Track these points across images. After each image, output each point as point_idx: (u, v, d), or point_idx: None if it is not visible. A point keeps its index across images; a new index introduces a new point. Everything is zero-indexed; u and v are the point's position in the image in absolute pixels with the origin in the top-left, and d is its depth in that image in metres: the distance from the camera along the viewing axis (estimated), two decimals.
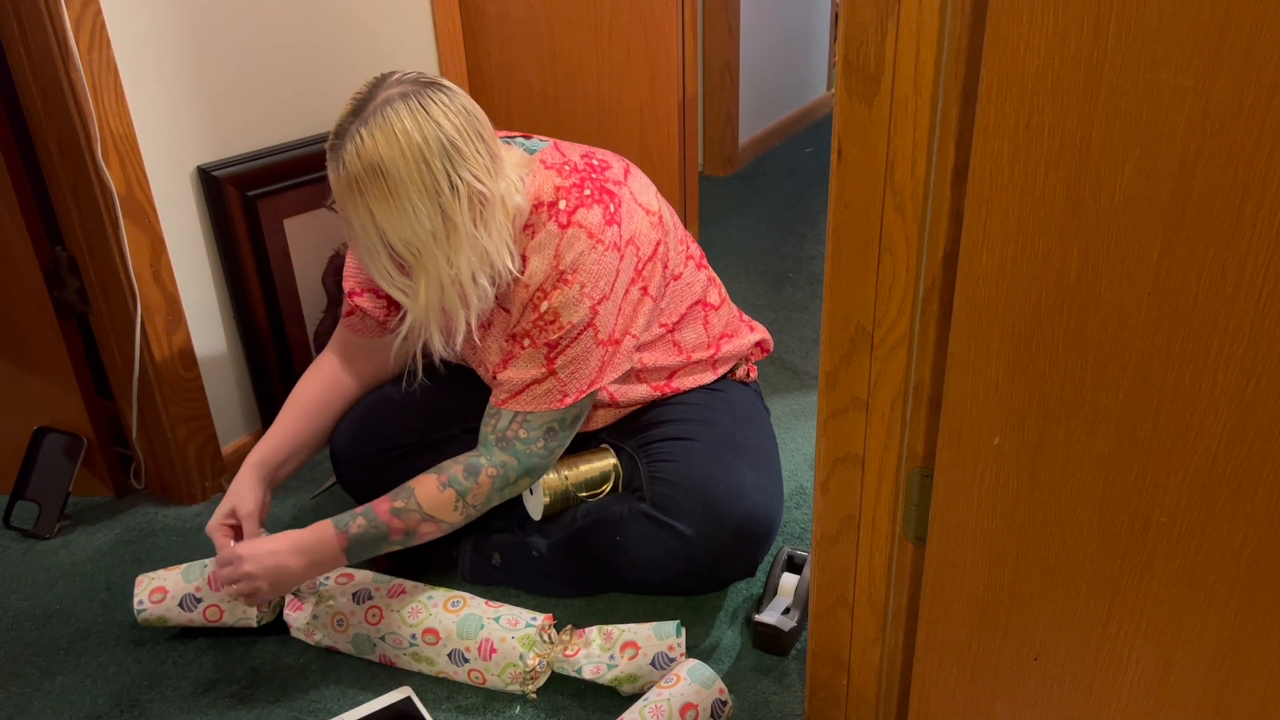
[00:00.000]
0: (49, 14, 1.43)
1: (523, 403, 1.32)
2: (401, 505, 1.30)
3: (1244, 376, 0.74)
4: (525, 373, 1.32)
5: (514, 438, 1.32)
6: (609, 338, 1.34)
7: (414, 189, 1.18)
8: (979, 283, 0.84)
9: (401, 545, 1.32)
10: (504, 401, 1.33)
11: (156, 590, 1.40)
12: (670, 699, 1.21)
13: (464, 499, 1.31)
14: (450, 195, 1.19)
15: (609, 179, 1.34)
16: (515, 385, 1.32)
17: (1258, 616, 0.80)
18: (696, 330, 1.50)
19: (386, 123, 1.17)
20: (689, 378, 1.51)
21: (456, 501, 1.31)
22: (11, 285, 1.65)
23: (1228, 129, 0.69)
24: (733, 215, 3.14)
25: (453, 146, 1.19)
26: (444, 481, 1.31)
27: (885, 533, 1.05)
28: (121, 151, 1.54)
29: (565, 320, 1.29)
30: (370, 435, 1.52)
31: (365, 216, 1.20)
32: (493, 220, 1.24)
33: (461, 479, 1.30)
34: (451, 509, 1.31)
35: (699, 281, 1.49)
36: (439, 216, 1.20)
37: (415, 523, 1.30)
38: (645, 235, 1.36)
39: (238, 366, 1.83)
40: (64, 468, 1.73)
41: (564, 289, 1.28)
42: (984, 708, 1.01)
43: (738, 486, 1.37)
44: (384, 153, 1.17)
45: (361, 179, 1.18)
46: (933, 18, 0.81)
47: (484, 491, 1.32)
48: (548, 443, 1.34)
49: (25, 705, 1.35)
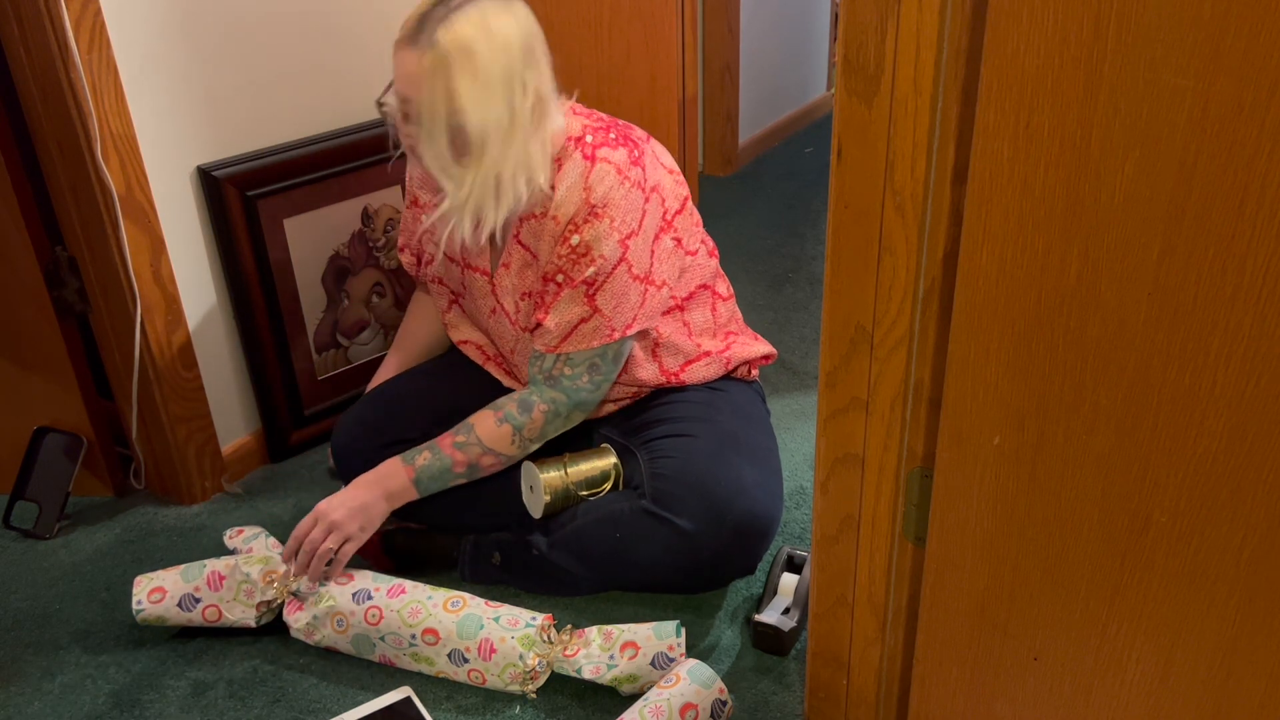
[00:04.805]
0: (49, 14, 1.43)
1: (572, 343, 1.38)
2: (463, 439, 1.39)
3: (1244, 376, 0.74)
4: (569, 314, 1.37)
5: (560, 375, 1.40)
6: (644, 275, 1.38)
7: (496, 78, 1.25)
8: (979, 283, 0.84)
9: (465, 478, 1.42)
10: (555, 346, 1.39)
11: (155, 590, 1.40)
12: (670, 699, 1.21)
13: (520, 433, 1.40)
14: (520, 94, 1.27)
15: (634, 133, 1.42)
16: (564, 328, 1.38)
17: (1258, 616, 0.80)
18: (704, 314, 1.53)
19: (479, 12, 1.24)
20: (697, 371, 1.53)
21: (514, 435, 1.40)
22: (11, 285, 1.66)
23: (1228, 129, 0.69)
24: (733, 215, 3.14)
25: (530, 50, 1.28)
26: (500, 417, 1.40)
27: (885, 533, 1.05)
28: (121, 151, 1.54)
29: (596, 253, 1.34)
30: (371, 429, 1.53)
31: (441, 97, 1.24)
32: (544, 131, 1.32)
33: (516, 414, 1.40)
34: (509, 442, 1.40)
35: (710, 267, 1.53)
36: (508, 111, 1.27)
37: (476, 455, 1.40)
38: (671, 189, 1.42)
39: (238, 366, 1.83)
40: (64, 468, 1.73)
41: (595, 223, 1.33)
42: (984, 708, 1.01)
43: (738, 484, 1.37)
44: (477, 36, 1.23)
45: (451, 57, 1.23)
46: (933, 18, 0.81)
47: (538, 426, 1.41)
48: (592, 377, 1.41)
49: (25, 705, 1.35)
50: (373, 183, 1.91)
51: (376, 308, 1.99)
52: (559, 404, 1.41)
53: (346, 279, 1.92)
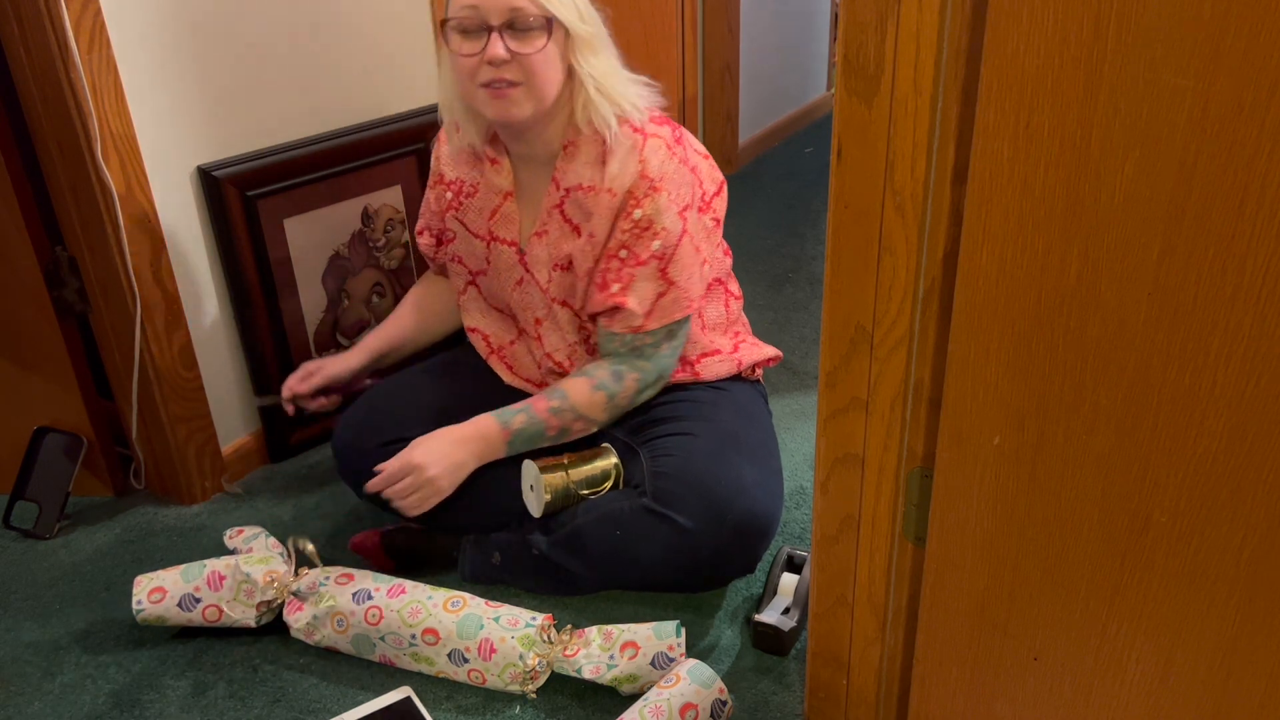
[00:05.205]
0: (49, 14, 1.43)
1: (656, 318, 1.42)
2: (558, 405, 1.44)
3: (1244, 376, 0.74)
4: (647, 291, 1.40)
5: (643, 346, 1.44)
6: (697, 248, 1.43)
7: None
8: (979, 283, 0.84)
9: (553, 442, 1.47)
10: (640, 326, 1.42)
11: (155, 590, 1.40)
12: (670, 699, 1.21)
13: (613, 400, 1.45)
14: None
15: (669, 119, 1.46)
16: (645, 305, 1.41)
17: (1258, 616, 0.80)
18: (718, 308, 1.57)
19: None
20: (711, 367, 1.56)
21: (607, 403, 1.45)
22: (11, 285, 1.66)
23: (1228, 129, 0.69)
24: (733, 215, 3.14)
25: None
26: (594, 385, 1.44)
27: (885, 533, 1.04)
28: (121, 151, 1.54)
29: (659, 226, 1.37)
30: (372, 427, 1.54)
31: None
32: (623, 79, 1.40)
33: (610, 383, 1.44)
34: (601, 409, 1.45)
35: (725, 263, 1.57)
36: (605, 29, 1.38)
37: (569, 421, 1.45)
38: (707, 173, 1.46)
39: (238, 367, 1.83)
40: (64, 468, 1.73)
41: (655, 196, 1.36)
42: (984, 708, 1.01)
43: (739, 482, 1.38)
44: None
45: None
46: (932, 18, 0.81)
47: (629, 393, 1.45)
48: (670, 346, 1.46)
49: (25, 705, 1.35)
50: (373, 183, 1.91)
51: (376, 308, 1.99)
52: (647, 373, 1.45)
53: (346, 279, 1.92)
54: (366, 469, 1.51)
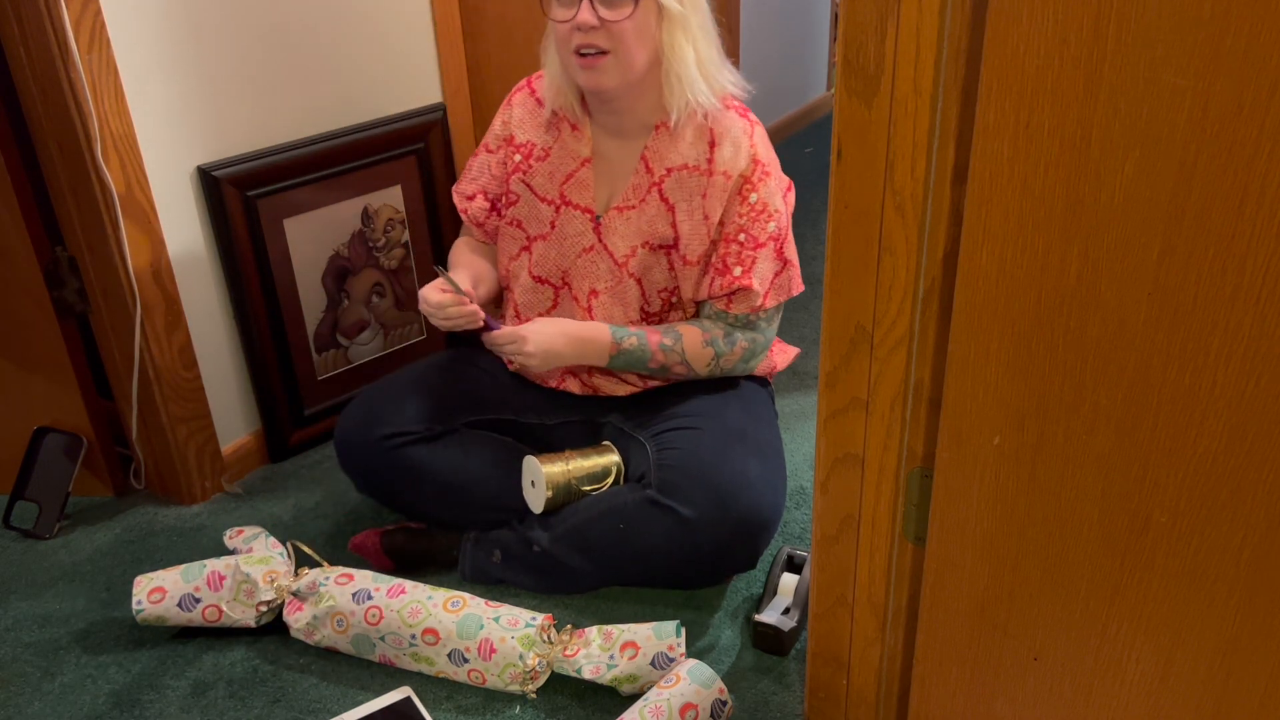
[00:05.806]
0: (49, 14, 1.43)
1: (773, 296, 1.48)
2: (670, 344, 1.47)
3: (1244, 376, 0.74)
4: (767, 271, 1.46)
5: (756, 320, 1.50)
6: None
7: None
8: (979, 283, 0.84)
9: (650, 374, 1.51)
10: (760, 305, 1.47)
11: (155, 590, 1.40)
12: (670, 699, 1.21)
13: (719, 359, 1.49)
14: None
15: None
16: (765, 284, 1.46)
17: (1258, 616, 0.80)
18: None
19: None
20: None
21: (712, 360, 1.49)
22: (11, 285, 1.65)
23: (1228, 129, 0.69)
24: None
25: None
26: (707, 340, 1.48)
27: (885, 532, 1.05)
28: (121, 151, 1.54)
29: (773, 208, 1.44)
30: (373, 420, 1.54)
31: None
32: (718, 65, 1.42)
33: (721, 342, 1.48)
34: (705, 363, 1.49)
35: None
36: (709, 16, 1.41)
37: (674, 362, 1.48)
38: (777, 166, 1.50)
39: (238, 366, 1.83)
40: (64, 468, 1.73)
41: (767, 180, 1.44)
42: (984, 708, 1.01)
43: (743, 476, 1.38)
44: None
45: None
46: (933, 18, 0.81)
47: (735, 358, 1.50)
48: (771, 323, 1.53)
49: (25, 705, 1.35)
50: (373, 183, 1.91)
51: (376, 308, 1.99)
52: (756, 344, 1.51)
53: (346, 279, 1.92)
54: (364, 462, 1.52)
